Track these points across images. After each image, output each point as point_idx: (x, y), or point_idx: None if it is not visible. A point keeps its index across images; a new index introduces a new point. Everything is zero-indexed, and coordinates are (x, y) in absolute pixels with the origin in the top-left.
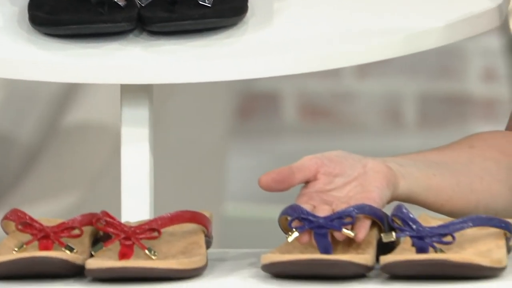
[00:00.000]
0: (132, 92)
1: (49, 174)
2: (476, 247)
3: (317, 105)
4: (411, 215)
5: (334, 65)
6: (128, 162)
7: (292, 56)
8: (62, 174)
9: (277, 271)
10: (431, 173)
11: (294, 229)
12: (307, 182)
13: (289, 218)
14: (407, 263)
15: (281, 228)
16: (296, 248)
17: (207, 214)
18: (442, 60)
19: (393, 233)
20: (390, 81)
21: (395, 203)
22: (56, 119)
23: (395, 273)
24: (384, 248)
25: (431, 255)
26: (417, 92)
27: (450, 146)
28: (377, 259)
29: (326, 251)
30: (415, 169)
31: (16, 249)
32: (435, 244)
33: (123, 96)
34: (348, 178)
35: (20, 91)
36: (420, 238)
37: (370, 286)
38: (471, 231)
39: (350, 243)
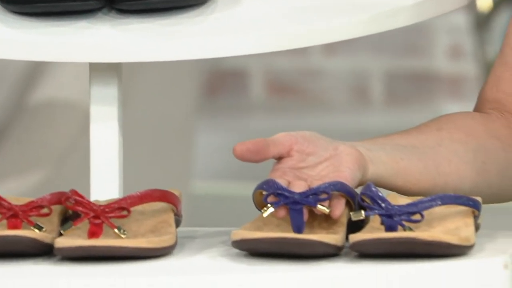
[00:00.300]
0: (101, 71)
1: (17, 152)
2: (444, 225)
3: (285, 82)
4: (380, 194)
5: (303, 43)
6: (97, 141)
7: (260, 35)
8: (30, 152)
9: (247, 248)
10: (398, 157)
11: (269, 204)
12: (279, 158)
13: (264, 193)
14: (376, 241)
15: (254, 203)
16: (267, 225)
17: (176, 192)
18: (409, 37)
19: (362, 212)
20: (357, 59)
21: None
22: (24, 97)
23: (364, 251)
24: (354, 227)
25: (400, 234)
26: (384, 70)
27: (418, 129)
28: (347, 238)
29: (298, 229)
30: (383, 154)
31: None
32: (404, 223)
33: (91, 75)
34: (320, 158)
35: None
36: (389, 216)
37: (339, 265)
38: (439, 210)
39: (322, 222)
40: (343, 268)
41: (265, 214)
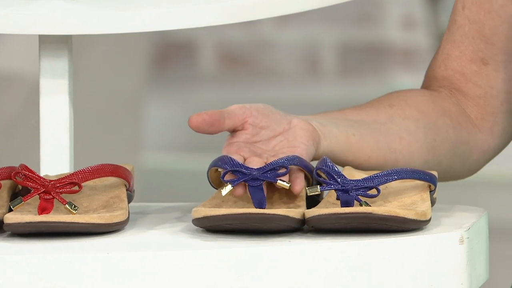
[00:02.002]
0: (51, 43)
1: None
2: (400, 200)
3: (235, 54)
4: (336, 168)
5: (255, 16)
6: (47, 115)
7: (212, 7)
8: None
9: (210, 225)
10: (350, 133)
11: (227, 183)
12: (233, 131)
13: (220, 170)
14: (332, 216)
15: (209, 180)
16: (225, 202)
17: (128, 167)
18: (362, 8)
19: (318, 187)
20: (309, 29)
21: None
22: None
23: (320, 226)
24: (313, 201)
25: (355, 208)
26: (336, 41)
27: (370, 104)
28: None
29: (260, 205)
30: (335, 129)
31: None
32: (360, 197)
33: (41, 47)
34: (274, 132)
35: None
36: (345, 191)
37: (295, 240)
38: (395, 184)
39: (282, 197)
40: (298, 244)
41: (224, 192)
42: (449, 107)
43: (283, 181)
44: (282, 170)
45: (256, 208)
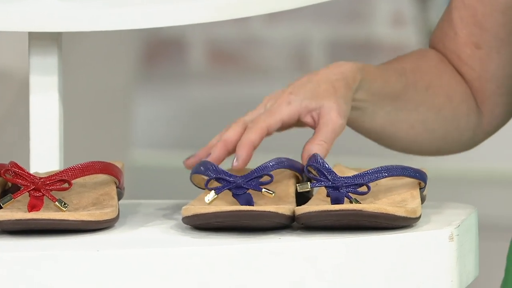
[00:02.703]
0: (41, 40)
1: None
2: (391, 197)
3: (225, 50)
4: (326, 165)
5: (245, 13)
6: (36, 111)
7: (201, 4)
8: None
9: (199, 223)
10: (392, 80)
11: (211, 190)
12: None
13: (204, 177)
14: (322, 213)
15: (194, 184)
16: (215, 200)
17: (119, 164)
18: (351, 5)
19: (308, 183)
20: (298, 27)
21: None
22: None
23: (310, 223)
24: (300, 198)
25: (346, 206)
26: (326, 38)
27: (414, 78)
28: None
29: (248, 203)
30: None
31: None
32: (350, 194)
33: (31, 44)
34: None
35: None
36: (335, 188)
37: (285, 237)
38: (386, 181)
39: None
40: (289, 241)
41: (207, 200)
42: (467, 89)
43: (267, 190)
44: (267, 179)
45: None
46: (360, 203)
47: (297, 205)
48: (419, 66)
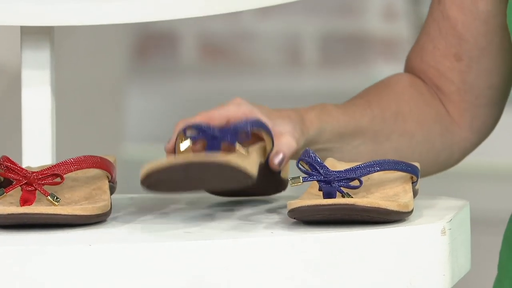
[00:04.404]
0: (33, 35)
1: None
2: (383, 191)
3: (217, 45)
4: (318, 159)
5: (237, 7)
6: (28, 106)
7: None
8: None
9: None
10: (352, 144)
11: (188, 137)
12: None
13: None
14: (314, 208)
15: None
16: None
17: (111, 159)
18: None
19: (300, 177)
20: (290, 20)
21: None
22: None
23: (302, 218)
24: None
25: (338, 200)
26: (318, 31)
27: (381, 113)
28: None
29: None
30: (331, 139)
31: None
32: (342, 189)
33: (23, 38)
34: None
35: None
36: (327, 182)
37: (277, 231)
38: (378, 175)
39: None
40: (281, 235)
41: (183, 147)
42: (440, 110)
43: (242, 147)
44: (244, 135)
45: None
46: (352, 197)
47: (264, 186)
48: (385, 96)
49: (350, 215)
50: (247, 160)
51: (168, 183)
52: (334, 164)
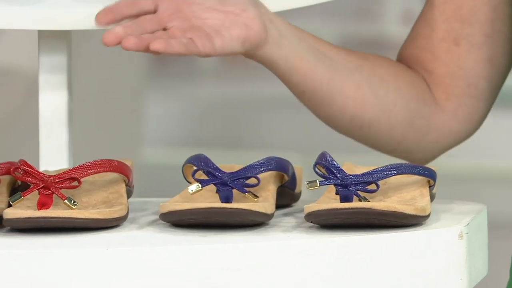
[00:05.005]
0: (50, 39)
1: None
2: (400, 195)
3: None
4: (335, 163)
5: None
6: (46, 110)
7: None
8: None
9: (175, 220)
10: (306, 58)
11: (197, 182)
12: None
13: (194, 167)
14: (331, 211)
15: (184, 175)
16: (199, 196)
17: (128, 162)
18: (361, 2)
19: (317, 181)
20: (308, 24)
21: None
22: None
23: (319, 221)
24: (283, 195)
25: (355, 204)
26: (336, 35)
27: (347, 49)
28: (277, 207)
29: (227, 200)
30: (292, 46)
31: None
32: (359, 193)
33: (40, 43)
34: (221, 6)
35: None
36: (344, 186)
37: (294, 235)
38: (395, 179)
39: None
40: (298, 239)
41: (191, 190)
42: (418, 82)
43: (252, 194)
44: (254, 181)
45: (222, 202)
46: (369, 201)
47: (277, 203)
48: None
49: (367, 219)
50: (267, 203)
51: (187, 221)
52: (351, 168)
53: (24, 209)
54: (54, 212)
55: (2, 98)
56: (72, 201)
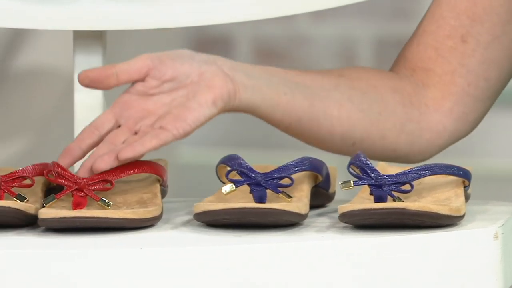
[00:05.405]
0: (85, 39)
1: None
2: (434, 195)
3: (271, 49)
4: (369, 163)
5: (291, 11)
6: (81, 110)
7: (247, 2)
8: (12, 120)
9: (209, 220)
10: (282, 91)
11: (231, 182)
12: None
13: (228, 168)
14: (366, 212)
15: (217, 175)
16: (233, 196)
17: (162, 163)
18: (397, 2)
19: (351, 182)
20: (345, 24)
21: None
22: (6, 64)
23: (353, 222)
24: (317, 195)
25: (389, 204)
26: (372, 35)
27: (320, 72)
28: (311, 207)
29: (260, 200)
30: (264, 84)
31: None
32: (394, 193)
33: (75, 43)
34: (178, 84)
35: None
36: (379, 186)
37: (328, 235)
38: (429, 180)
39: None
40: (332, 239)
41: (224, 191)
42: (402, 85)
43: (286, 194)
44: (288, 181)
45: (256, 202)
46: (403, 201)
47: (311, 203)
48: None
49: (401, 219)
50: (301, 203)
51: (221, 221)
52: (385, 168)
53: (59, 209)
54: (89, 212)
55: (38, 98)
56: (106, 201)
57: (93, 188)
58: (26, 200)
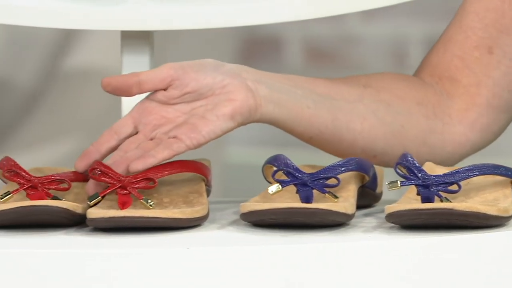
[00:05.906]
0: (133, 39)
1: (49, 120)
2: (482, 196)
3: (322, 49)
4: (416, 163)
5: (341, 10)
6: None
7: (297, 1)
8: (62, 120)
9: (255, 220)
10: (305, 105)
11: (277, 182)
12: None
13: (274, 168)
14: (413, 212)
15: (264, 175)
16: (279, 196)
17: (206, 162)
18: (447, 1)
19: (398, 182)
20: (395, 24)
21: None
22: (56, 65)
23: (401, 222)
24: (364, 195)
25: (436, 204)
26: (423, 34)
27: (345, 80)
28: (358, 207)
29: (307, 200)
30: (287, 97)
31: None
32: (441, 193)
33: (123, 43)
34: (200, 95)
35: (20, 35)
36: (426, 187)
37: (375, 235)
38: (477, 180)
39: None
40: (379, 239)
41: (271, 191)
42: (427, 96)
43: (332, 194)
44: (334, 181)
45: (303, 202)
46: (450, 202)
47: (357, 204)
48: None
49: (449, 219)
50: (347, 203)
51: (267, 221)
52: (433, 168)
53: (107, 208)
54: (137, 212)
55: (86, 99)
56: (148, 200)
57: (136, 186)
58: (63, 200)
